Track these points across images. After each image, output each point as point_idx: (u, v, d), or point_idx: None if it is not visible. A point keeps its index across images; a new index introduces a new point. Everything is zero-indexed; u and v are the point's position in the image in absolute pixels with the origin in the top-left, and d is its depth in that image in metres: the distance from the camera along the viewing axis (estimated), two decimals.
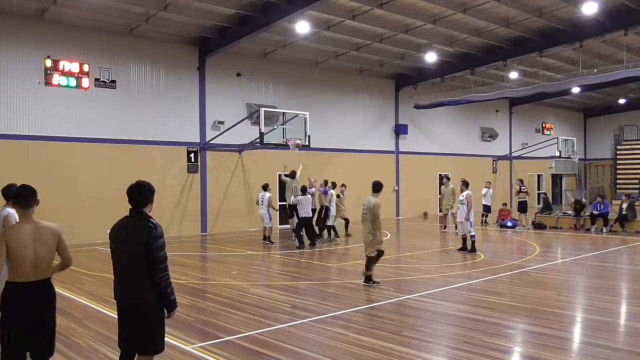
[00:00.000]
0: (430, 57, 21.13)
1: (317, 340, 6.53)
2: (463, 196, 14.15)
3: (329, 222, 16.69)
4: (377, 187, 10.04)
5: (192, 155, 18.75)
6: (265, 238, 16.11)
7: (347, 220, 17.91)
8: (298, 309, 8.05)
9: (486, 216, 21.19)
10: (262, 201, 16.10)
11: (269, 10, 15.99)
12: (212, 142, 18.79)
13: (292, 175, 16.80)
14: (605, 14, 17.44)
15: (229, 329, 6.96)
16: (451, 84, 25.56)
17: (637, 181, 34.70)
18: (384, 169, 25.04)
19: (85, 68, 16.44)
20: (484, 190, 21.40)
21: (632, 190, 33.29)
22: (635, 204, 19.55)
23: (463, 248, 13.97)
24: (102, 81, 16.88)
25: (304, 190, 15.62)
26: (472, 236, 13.88)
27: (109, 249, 4.45)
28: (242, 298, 8.81)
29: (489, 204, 21.33)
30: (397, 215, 25.45)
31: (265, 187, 16.33)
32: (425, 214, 26.07)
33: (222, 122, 19.14)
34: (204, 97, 19.06)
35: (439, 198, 22.47)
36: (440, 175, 27.75)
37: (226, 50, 18.49)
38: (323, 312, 7.80)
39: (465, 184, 14.51)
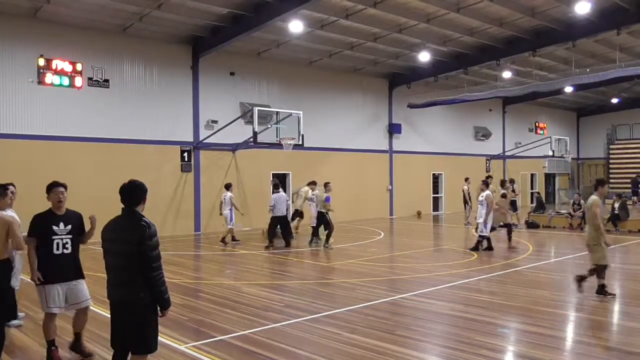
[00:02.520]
0: (424, 57, 21.17)
1: (311, 340, 6.53)
2: (482, 197, 14.02)
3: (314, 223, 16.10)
4: (597, 185, 9.14)
5: (185, 154, 18.70)
6: (223, 240, 15.53)
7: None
8: (291, 308, 8.05)
9: None
10: (224, 201, 15.73)
11: (262, 9, 15.97)
12: (205, 141, 18.75)
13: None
14: (597, 14, 17.53)
15: (223, 328, 6.95)
16: (445, 84, 25.62)
17: (629, 180, 34.95)
18: (378, 168, 25.09)
19: (79, 67, 16.37)
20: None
21: (624, 190, 33.53)
22: (628, 203, 19.65)
23: (488, 248, 13.74)
24: (96, 80, 16.80)
25: (276, 187, 15.52)
26: (482, 237, 13.80)
27: (102, 249, 4.44)
28: (235, 297, 8.80)
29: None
30: (391, 214, 25.49)
31: (227, 187, 15.97)
32: (419, 213, 26.13)
33: (215, 122, 19.11)
34: (197, 96, 19.01)
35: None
36: (433, 174, 27.89)
37: (220, 50, 18.44)
38: (317, 311, 7.81)
39: (486, 184, 14.41)
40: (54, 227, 5.61)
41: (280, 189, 15.47)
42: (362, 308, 8.05)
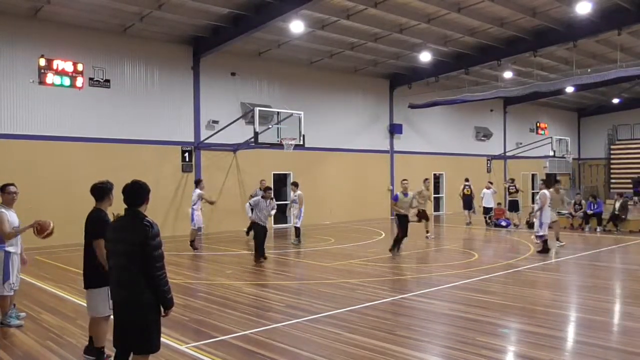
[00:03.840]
0: (425, 57, 21.17)
1: (311, 340, 6.53)
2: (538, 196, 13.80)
3: (298, 224, 15.76)
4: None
5: (186, 154, 18.72)
6: (191, 243, 14.49)
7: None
8: (292, 308, 8.05)
9: (489, 217, 20.98)
10: (193, 199, 14.64)
11: (263, 9, 15.98)
12: (206, 141, 18.76)
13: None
14: (598, 14, 17.52)
15: (223, 329, 6.95)
16: (445, 84, 25.61)
17: (630, 180, 34.93)
18: (379, 168, 25.09)
19: (80, 67, 16.39)
20: (484, 191, 21.18)
21: (625, 190, 33.52)
22: (629, 203, 19.64)
23: (543, 250, 13.49)
24: (96, 80, 16.82)
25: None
26: (540, 236, 13.60)
27: (106, 249, 4.45)
28: (236, 297, 8.80)
29: (489, 206, 20.92)
30: (392, 214, 25.43)
31: (197, 183, 14.92)
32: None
33: (216, 122, 19.12)
34: (198, 97, 19.03)
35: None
36: (434, 174, 27.85)
37: (220, 50, 18.46)
38: (317, 312, 7.81)
39: (546, 183, 14.34)
40: None
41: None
42: (362, 308, 8.04)
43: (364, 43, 20.13)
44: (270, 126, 17.64)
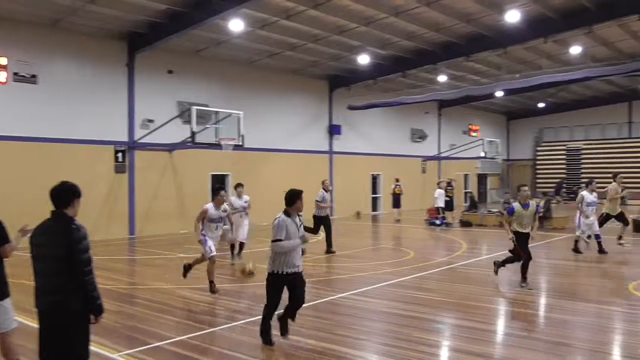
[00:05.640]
0: (364, 59, 21.48)
1: (250, 342, 6.47)
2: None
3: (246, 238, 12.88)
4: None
5: (119, 154, 18.07)
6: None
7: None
8: (231, 312, 7.94)
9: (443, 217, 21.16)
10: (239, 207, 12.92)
11: (202, 6, 15.67)
12: (141, 141, 18.19)
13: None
14: (527, 23, 18.37)
15: (159, 335, 6.75)
16: (384, 86, 26.09)
17: (554, 181, 36.92)
18: (318, 168, 25.20)
19: (3, 61, 15.45)
20: (438, 191, 21.46)
21: (549, 189, 35.37)
22: (552, 202, 20.70)
23: (601, 251, 12.89)
24: (22, 76, 15.91)
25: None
26: (597, 237, 12.98)
27: (30, 254, 4.21)
28: (173, 302, 8.59)
29: (442, 205, 21.07)
30: (331, 214, 25.62)
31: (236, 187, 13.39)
32: (358, 213, 26.42)
33: (151, 121, 18.57)
34: (133, 95, 18.41)
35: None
36: (372, 175, 28.30)
37: (157, 47, 17.94)
38: (257, 314, 7.71)
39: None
40: None
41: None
42: (302, 309, 8.03)
43: (304, 44, 20.17)
44: (208, 126, 17.32)
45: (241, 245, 12.61)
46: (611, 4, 17.46)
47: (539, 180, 38.48)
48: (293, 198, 6.39)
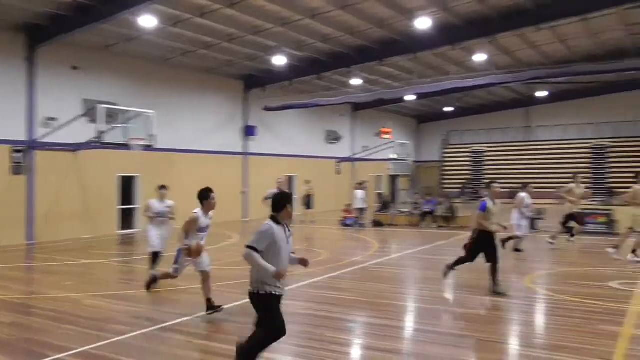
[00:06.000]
0: (280, 60, 21.46)
1: (159, 350, 6.25)
2: None
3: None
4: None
5: (17, 155, 16.81)
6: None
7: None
8: (138, 319, 7.63)
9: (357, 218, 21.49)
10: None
11: (110, 0, 14.95)
12: (42, 140, 17.03)
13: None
14: (436, 30, 19.18)
15: (59, 346, 6.34)
16: (299, 88, 26.23)
17: (460, 182, 38.92)
18: (233, 170, 24.90)
19: None
20: (356, 192, 21.73)
21: (453, 190, 37.29)
22: (455, 202, 21.79)
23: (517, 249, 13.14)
24: None
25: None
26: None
27: None
28: (75, 311, 8.10)
29: (361, 207, 21.47)
30: (245, 217, 25.43)
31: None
32: None
33: (54, 119, 17.44)
34: (33, 91, 17.17)
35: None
36: (288, 176, 28.34)
37: (61, 41, 16.86)
38: (166, 320, 7.49)
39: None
40: None
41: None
42: (214, 313, 7.89)
43: (218, 43, 19.82)
44: (116, 125, 16.53)
45: (155, 255, 10.47)
46: (511, 15, 18.67)
47: (445, 181, 40.38)
48: (282, 201, 5.15)
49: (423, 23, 17.87)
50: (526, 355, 6.10)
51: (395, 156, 30.11)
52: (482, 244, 8.99)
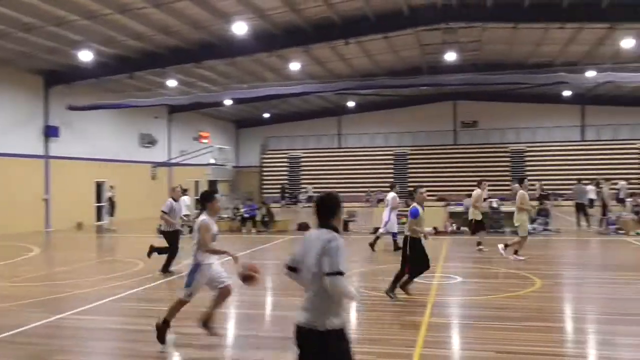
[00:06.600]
0: (86, 56, 19.73)
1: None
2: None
3: None
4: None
5: None
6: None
7: None
8: None
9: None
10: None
11: None
12: None
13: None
14: (253, 36, 19.47)
15: None
16: (110, 87, 24.51)
17: (279, 186, 40.05)
18: (31, 175, 22.26)
19: None
20: (183, 198, 20.88)
21: (274, 195, 38.33)
22: (274, 206, 22.32)
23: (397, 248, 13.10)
24: None
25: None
26: (394, 235, 13.60)
27: None
28: None
29: (188, 213, 20.79)
30: (47, 227, 22.92)
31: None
32: (80, 225, 24.11)
33: None
34: None
35: None
36: (97, 182, 26.22)
37: None
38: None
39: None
40: None
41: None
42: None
43: (12, 32, 17.55)
44: None
45: None
46: (323, 28, 19.79)
47: (264, 186, 41.20)
48: (339, 205, 3.81)
49: (240, 28, 17.99)
50: None
51: (214, 161, 29.76)
52: (412, 249, 8.59)
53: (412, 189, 10.25)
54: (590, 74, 21.91)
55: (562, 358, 5.93)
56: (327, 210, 3.75)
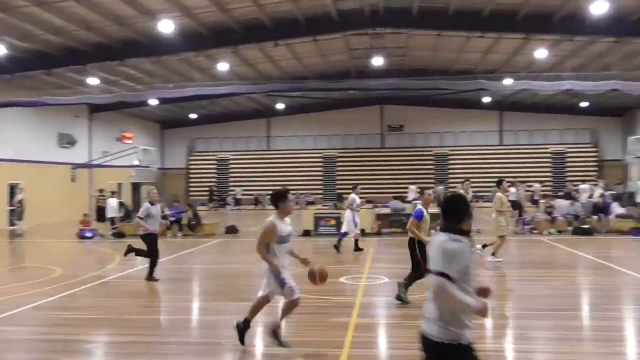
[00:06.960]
0: None
1: None
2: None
3: None
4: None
5: None
6: None
7: None
8: None
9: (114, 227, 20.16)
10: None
11: None
12: None
13: None
14: (180, 35, 19.00)
15: None
16: (25, 83, 23.07)
17: (206, 189, 39.30)
18: None
19: None
20: (110, 200, 20.50)
21: (202, 197, 37.62)
22: (198, 209, 21.84)
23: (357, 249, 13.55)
24: None
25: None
26: (343, 235, 13.89)
27: None
28: None
29: (113, 215, 20.41)
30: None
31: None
32: None
33: None
34: None
35: None
36: (10, 184, 24.59)
37: None
38: None
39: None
40: None
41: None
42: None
43: None
44: None
45: None
46: (252, 29, 19.66)
47: (191, 188, 40.31)
48: (467, 207, 3.47)
49: (166, 26, 17.50)
50: (269, 354, 6.34)
51: (138, 162, 28.74)
52: (420, 247, 8.39)
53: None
54: (508, 81, 23.21)
55: (482, 353, 6.20)
56: (453, 212, 3.42)
